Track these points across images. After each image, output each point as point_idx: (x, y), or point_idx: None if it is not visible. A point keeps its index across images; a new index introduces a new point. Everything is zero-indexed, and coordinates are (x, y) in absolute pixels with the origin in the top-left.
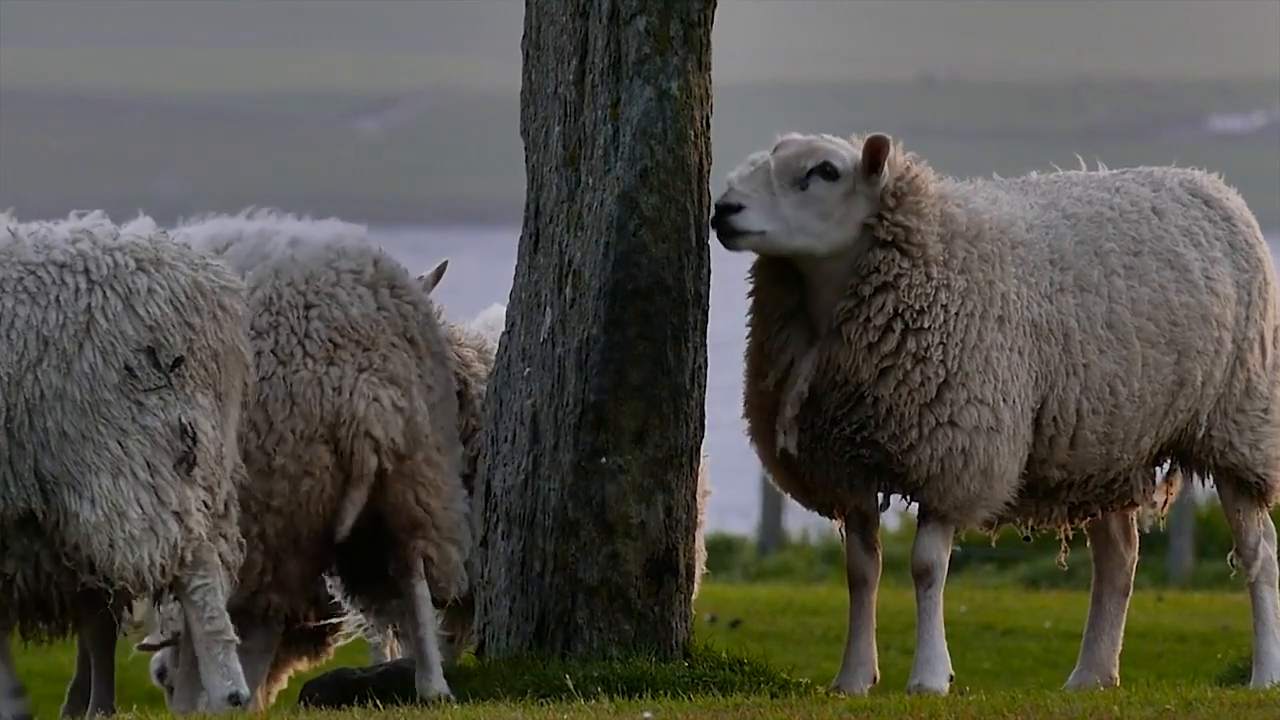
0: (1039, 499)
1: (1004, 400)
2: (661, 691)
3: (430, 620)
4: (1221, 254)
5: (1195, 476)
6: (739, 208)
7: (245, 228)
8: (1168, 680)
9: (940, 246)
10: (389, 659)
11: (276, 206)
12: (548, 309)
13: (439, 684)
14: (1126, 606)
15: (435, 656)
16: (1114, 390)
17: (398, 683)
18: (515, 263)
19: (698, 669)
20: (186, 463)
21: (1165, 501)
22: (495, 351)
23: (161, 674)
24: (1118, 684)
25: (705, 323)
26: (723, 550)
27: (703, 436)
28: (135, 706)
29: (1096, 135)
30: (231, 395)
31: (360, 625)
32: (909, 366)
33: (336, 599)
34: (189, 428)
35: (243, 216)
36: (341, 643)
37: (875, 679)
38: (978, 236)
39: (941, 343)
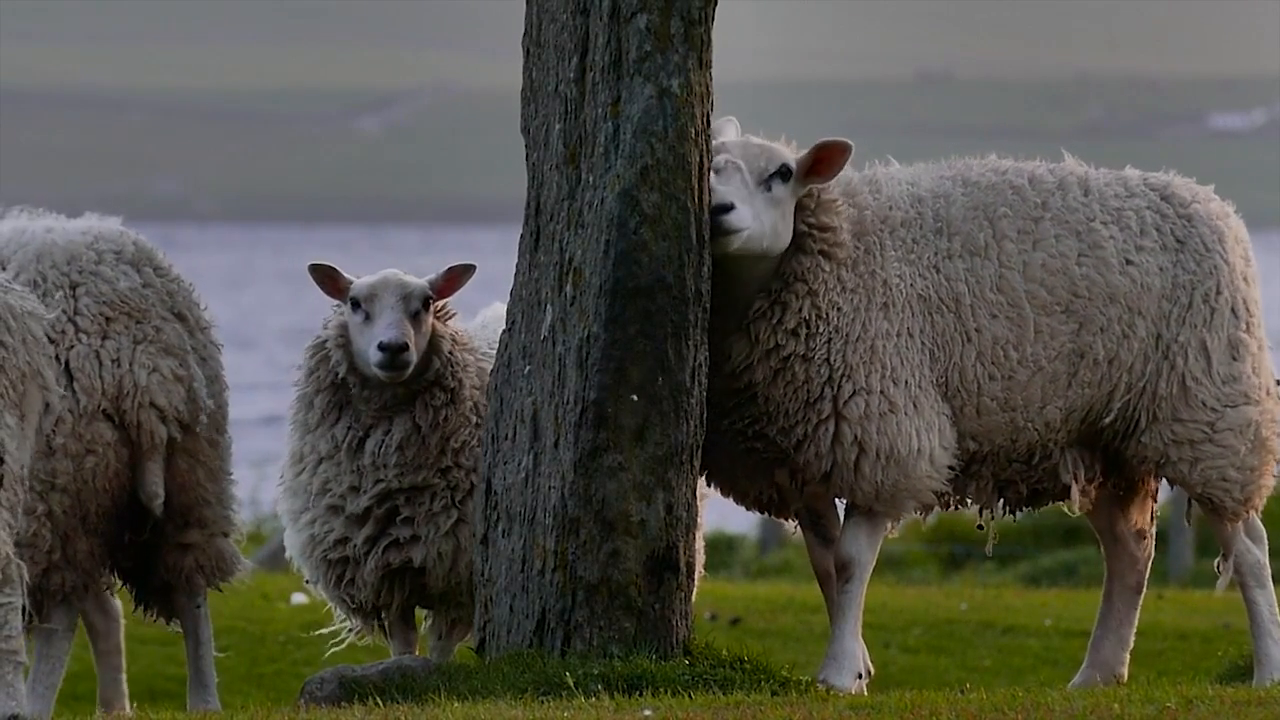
0: (959, 476)
1: (894, 384)
2: (662, 689)
3: (210, 639)
4: (1158, 245)
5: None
6: (731, 206)
7: None
8: (1168, 678)
9: (851, 245)
10: (390, 657)
11: (277, 204)
12: (548, 307)
13: (215, 702)
14: (1139, 605)
15: (213, 675)
16: (1007, 355)
17: (398, 680)
18: (515, 260)
19: (698, 667)
20: None
21: (1151, 510)
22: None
23: None
24: (1124, 682)
25: (706, 320)
26: (723, 548)
27: (704, 434)
28: (135, 705)
29: (1097, 132)
30: (30, 418)
31: (346, 625)
32: (797, 368)
33: None
34: None
35: None
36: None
37: (870, 673)
38: (862, 232)
39: (828, 341)
